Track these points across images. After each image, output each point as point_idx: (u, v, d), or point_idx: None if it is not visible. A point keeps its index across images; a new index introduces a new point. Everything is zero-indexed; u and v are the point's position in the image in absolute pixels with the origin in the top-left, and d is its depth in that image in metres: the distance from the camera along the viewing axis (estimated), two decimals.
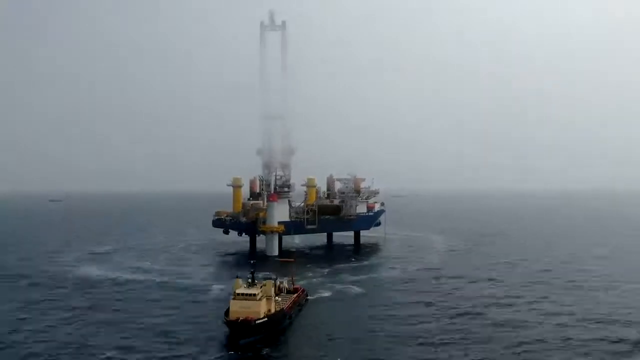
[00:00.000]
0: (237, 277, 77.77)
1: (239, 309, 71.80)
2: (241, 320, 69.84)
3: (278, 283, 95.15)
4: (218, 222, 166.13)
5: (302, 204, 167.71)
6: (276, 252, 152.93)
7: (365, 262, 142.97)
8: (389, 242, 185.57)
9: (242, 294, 73.05)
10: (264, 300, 74.10)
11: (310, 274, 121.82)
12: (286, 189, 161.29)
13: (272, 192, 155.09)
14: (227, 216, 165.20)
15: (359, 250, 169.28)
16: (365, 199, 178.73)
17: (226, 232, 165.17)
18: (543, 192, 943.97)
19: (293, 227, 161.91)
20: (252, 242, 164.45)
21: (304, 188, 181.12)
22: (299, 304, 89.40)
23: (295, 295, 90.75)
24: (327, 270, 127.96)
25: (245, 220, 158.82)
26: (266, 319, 71.86)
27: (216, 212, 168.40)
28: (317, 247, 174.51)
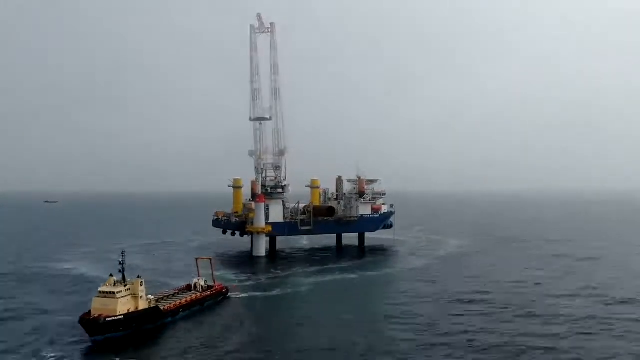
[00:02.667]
0: (110, 275, 79.47)
1: (99, 307, 73.55)
2: (92, 318, 71.68)
3: (195, 280, 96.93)
4: (216, 222, 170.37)
5: (297, 205, 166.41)
6: (263, 253, 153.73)
7: (345, 265, 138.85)
8: (395, 245, 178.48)
9: (103, 292, 74.73)
10: (127, 298, 75.04)
11: (272, 273, 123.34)
12: (280, 190, 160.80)
13: (260, 193, 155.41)
14: (223, 216, 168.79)
15: (358, 253, 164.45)
16: (370, 200, 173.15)
17: (224, 232, 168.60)
18: None
19: (287, 228, 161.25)
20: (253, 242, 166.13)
21: (309, 189, 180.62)
22: (202, 302, 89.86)
23: (197, 293, 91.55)
24: (292, 270, 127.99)
25: (236, 221, 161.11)
26: (122, 317, 72.92)
27: (215, 213, 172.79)
28: (320, 249, 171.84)
